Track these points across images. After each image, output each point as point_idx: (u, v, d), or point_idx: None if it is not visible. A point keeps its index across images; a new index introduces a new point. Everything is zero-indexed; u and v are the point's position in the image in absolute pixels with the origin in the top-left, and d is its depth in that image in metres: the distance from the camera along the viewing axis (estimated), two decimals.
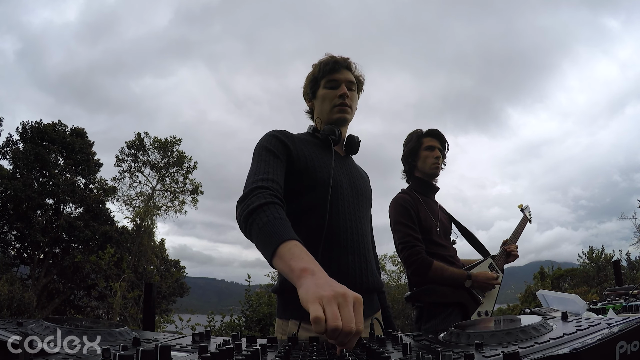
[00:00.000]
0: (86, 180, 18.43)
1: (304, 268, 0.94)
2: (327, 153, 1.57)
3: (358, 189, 1.61)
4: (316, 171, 1.48)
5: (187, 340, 0.97)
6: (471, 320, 2.12)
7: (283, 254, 1.02)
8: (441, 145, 2.50)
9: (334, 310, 0.78)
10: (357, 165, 1.81)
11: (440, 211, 2.50)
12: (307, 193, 1.46)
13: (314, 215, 1.43)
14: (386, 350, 0.78)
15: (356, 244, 1.49)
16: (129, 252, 16.82)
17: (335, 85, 1.62)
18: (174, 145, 18.41)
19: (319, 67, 1.66)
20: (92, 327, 0.96)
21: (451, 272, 2.25)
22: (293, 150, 1.49)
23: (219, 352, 0.68)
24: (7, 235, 17.18)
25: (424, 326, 2.23)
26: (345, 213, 1.50)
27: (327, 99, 1.63)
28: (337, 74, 1.63)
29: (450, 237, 2.50)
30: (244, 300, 7.98)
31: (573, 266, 17.24)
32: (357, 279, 1.44)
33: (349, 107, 1.62)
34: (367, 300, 1.42)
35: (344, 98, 1.60)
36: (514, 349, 0.69)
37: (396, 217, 2.33)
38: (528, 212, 2.81)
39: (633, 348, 0.64)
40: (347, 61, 1.66)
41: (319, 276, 0.91)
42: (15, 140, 17.54)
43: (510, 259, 2.55)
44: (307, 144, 1.57)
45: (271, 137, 1.50)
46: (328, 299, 0.80)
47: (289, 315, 1.41)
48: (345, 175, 1.59)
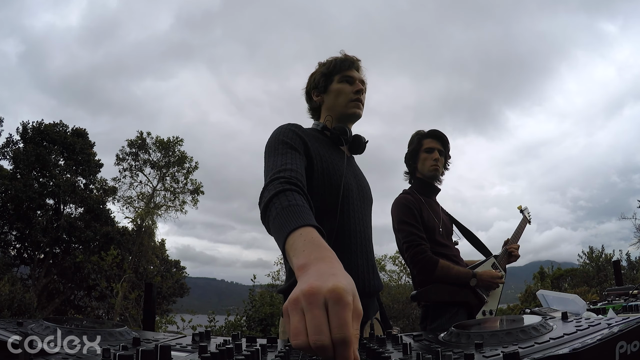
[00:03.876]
0: (87, 180, 18.43)
1: (300, 266, 0.75)
2: (337, 153, 1.56)
3: (364, 192, 1.62)
4: (330, 173, 1.45)
5: (187, 340, 0.97)
6: (473, 320, 2.13)
7: (288, 251, 0.87)
8: (442, 146, 2.48)
9: (310, 318, 0.58)
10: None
11: (442, 212, 2.51)
12: (319, 194, 1.42)
13: (326, 218, 1.38)
14: (386, 350, 0.78)
15: (364, 247, 1.50)
16: (130, 252, 16.83)
17: (351, 81, 1.63)
18: (176, 146, 18.41)
19: (333, 63, 1.65)
20: (92, 327, 0.96)
21: (457, 271, 2.25)
22: (311, 147, 1.44)
23: (219, 352, 0.68)
24: (7, 235, 17.19)
25: (429, 326, 2.23)
26: (355, 217, 1.50)
27: (343, 94, 1.61)
28: (352, 72, 1.64)
29: (452, 237, 2.50)
30: (247, 300, 7.99)
31: (573, 266, 17.23)
32: (366, 283, 1.45)
33: (362, 103, 1.64)
34: (370, 303, 1.47)
35: (360, 94, 1.61)
36: (514, 349, 0.69)
37: (400, 217, 2.33)
38: (527, 214, 2.82)
39: (633, 348, 0.64)
40: (358, 62, 1.68)
41: (311, 271, 0.70)
42: (15, 140, 17.56)
43: (512, 259, 2.56)
44: (319, 142, 1.53)
45: (288, 130, 1.43)
46: (308, 303, 0.59)
47: None
48: (353, 178, 1.59)
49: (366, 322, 1.44)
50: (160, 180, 18.35)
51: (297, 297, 0.60)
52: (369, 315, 1.47)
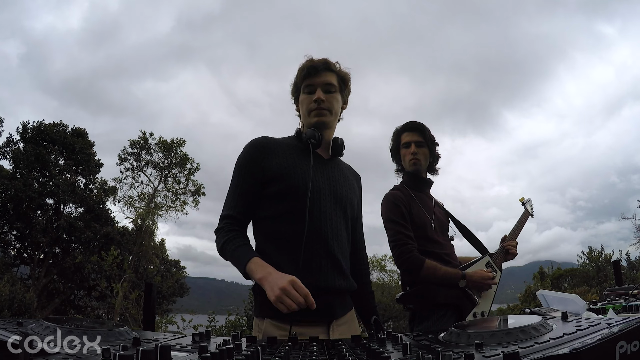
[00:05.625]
0: (87, 180, 18.42)
1: (260, 278, 1.38)
2: (306, 159, 1.59)
3: (338, 194, 1.63)
4: (292, 177, 1.54)
5: (187, 340, 0.97)
6: (471, 320, 2.10)
7: (249, 272, 1.43)
8: (421, 136, 2.36)
9: (286, 292, 1.29)
10: (347, 166, 1.81)
11: (436, 206, 2.41)
12: (286, 198, 1.53)
13: (293, 221, 1.50)
14: (386, 350, 0.78)
15: (331, 249, 1.54)
16: (130, 252, 16.82)
17: (312, 90, 1.64)
18: (178, 147, 18.41)
19: (298, 73, 1.68)
20: (92, 327, 0.96)
21: (444, 272, 2.16)
22: (267, 160, 1.57)
23: (219, 352, 0.68)
24: (7, 235, 17.18)
25: (416, 328, 2.17)
26: (324, 219, 1.55)
27: (305, 104, 1.66)
28: (314, 78, 1.64)
29: (447, 233, 2.41)
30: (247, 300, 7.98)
31: (573, 266, 17.24)
32: (328, 282, 1.51)
33: (326, 110, 1.64)
34: (337, 301, 1.58)
35: (319, 103, 1.62)
36: (514, 349, 0.69)
37: (387, 215, 2.26)
38: (530, 206, 2.67)
39: (633, 348, 0.64)
40: (325, 62, 1.65)
41: (269, 279, 1.34)
42: (15, 140, 17.55)
43: (509, 257, 2.45)
44: (288, 149, 1.62)
45: (245, 152, 1.61)
46: (280, 290, 1.29)
47: (264, 314, 1.49)
48: (325, 180, 1.62)
49: (331, 320, 1.52)
50: (161, 181, 18.35)
51: (281, 287, 1.30)
52: (335, 313, 1.54)
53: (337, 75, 1.67)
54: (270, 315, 1.45)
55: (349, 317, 1.62)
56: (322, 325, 1.50)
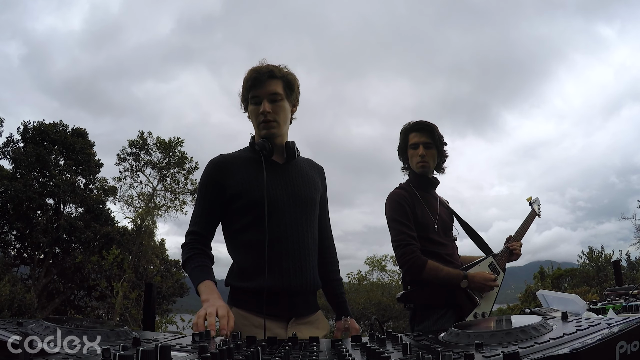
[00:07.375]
0: (87, 180, 18.41)
1: (203, 300, 1.48)
2: (260, 169, 1.63)
3: (297, 197, 1.67)
4: (250, 192, 1.62)
5: (187, 340, 0.97)
6: (471, 320, 2.10)
7: (199, 290, 1.54)
8: (429, 137, 2.31)
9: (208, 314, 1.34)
10: (307, 161, 1.84)
11: (441, 206, 2.40)
12: (249, 212, 1.62)
13: (257, 231, 1.60)
14: (386, 350, 0.78)
15: (294, 252, 1.62)
16: (130, 252, 16.81)
17: (257, 102, 1.66)
18: (177, 146, 18.40)
19: (244, 84, 1.69)
20: (92, 327, 0.96)
21: (446, 273, 2.15)
22: (227, 179, 1.65)
23: (219, 352, 0.68)
24: (7, 235, 17.17)
25: (416, 327, 2.18)
26: (284, 225, 1.62)
27: (253, 116, 1.69)
28: (258, 89, 1.65)
29: (451, 233, 2.40)
30: None
31: (573, 266, 17.22)
32: (292, 283, 1.60)
33: (273, 121, 1.66)
34: (301, 301, 1.65)
35: (265, 115, 1.64)
36: (514, 349, 0.69)
37: (390, 214, 2.25)
38: (537, 206, 2.63)
39: (633, 348, 0.64)
40: (268, 70, 1.65)
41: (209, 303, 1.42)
42: (15, 140, 17.53)
43: (513, 258, 2.44)
44: (245, 163, 1.68)
45: (206, 173, 1.70)
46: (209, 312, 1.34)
47: (233, 304, 1.64)
48: (282, 187, 1.66)
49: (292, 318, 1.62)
50: (160, 181, 18.35)
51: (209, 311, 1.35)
52: (297, 312, 1.63)
53: (283, 81, 1.66)
54: (238, 305, 1.62)
55: (313, 318, 1.69)
56: (282, 321, 1.60)
